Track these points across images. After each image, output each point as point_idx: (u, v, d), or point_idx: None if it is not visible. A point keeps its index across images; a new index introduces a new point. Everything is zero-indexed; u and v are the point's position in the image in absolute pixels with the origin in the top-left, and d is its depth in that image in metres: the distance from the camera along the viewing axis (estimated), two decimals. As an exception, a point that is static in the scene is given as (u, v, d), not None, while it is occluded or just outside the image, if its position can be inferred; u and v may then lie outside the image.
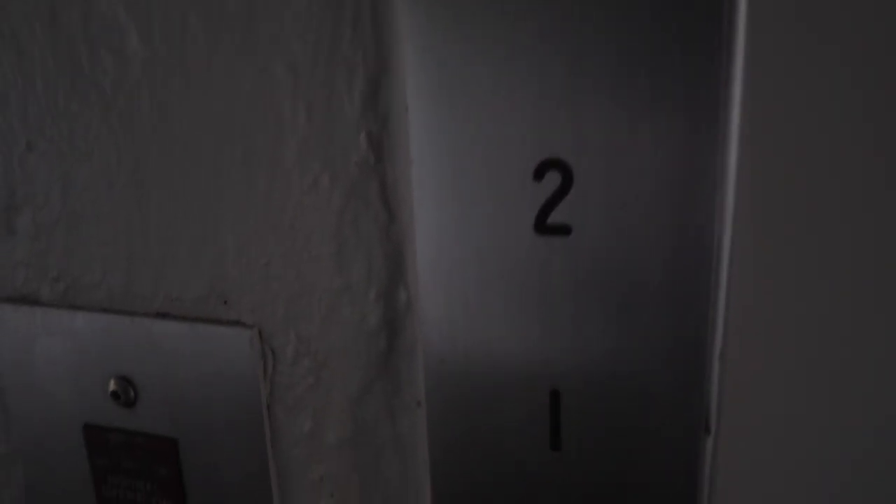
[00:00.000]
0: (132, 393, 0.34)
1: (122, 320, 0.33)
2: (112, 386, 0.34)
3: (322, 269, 0.29)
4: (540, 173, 0.24)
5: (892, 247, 0.22)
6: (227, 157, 0.29)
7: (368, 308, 0.29)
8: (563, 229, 0.24)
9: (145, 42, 0.29)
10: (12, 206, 0.34)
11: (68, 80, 0.30)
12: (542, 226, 0.24)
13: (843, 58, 0.21)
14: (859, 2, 0.21)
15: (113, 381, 0.34)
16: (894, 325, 0.23)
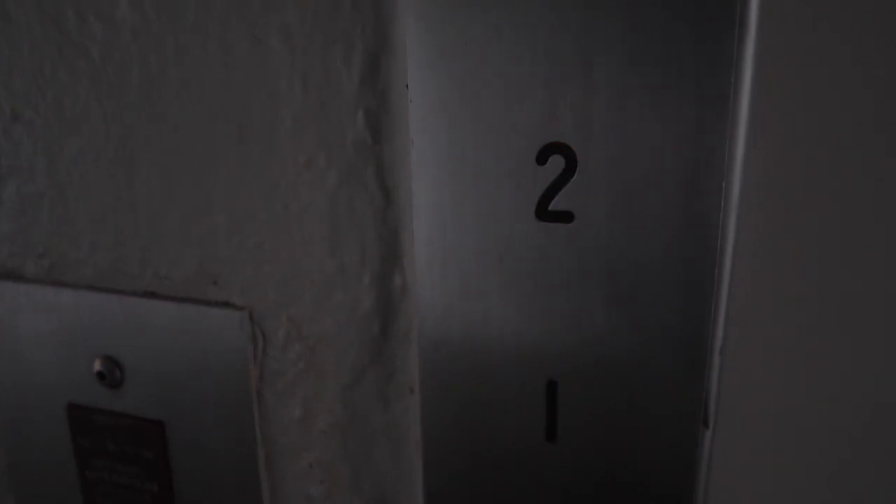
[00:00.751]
0: (118, 374, 0.33)
1: (109, 298, 0.32)
2: (97, 366, 0.33)
3: (315, 251, 0.28)
4: (543, 157, 0.23)
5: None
6: (219, 131, 0.28)
7: (362, 292, 0.28)
8: (565, 216, 0.23)
9: (135, 8, 0.28)
10: (-4, 178, 0.33)
11: (55, 48, 0.29)
12: (543, 212, 0.23)
13: (855, 49, 0.21)
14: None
15: (98, 361, 0.33)
16: (903, 322, 0.22)
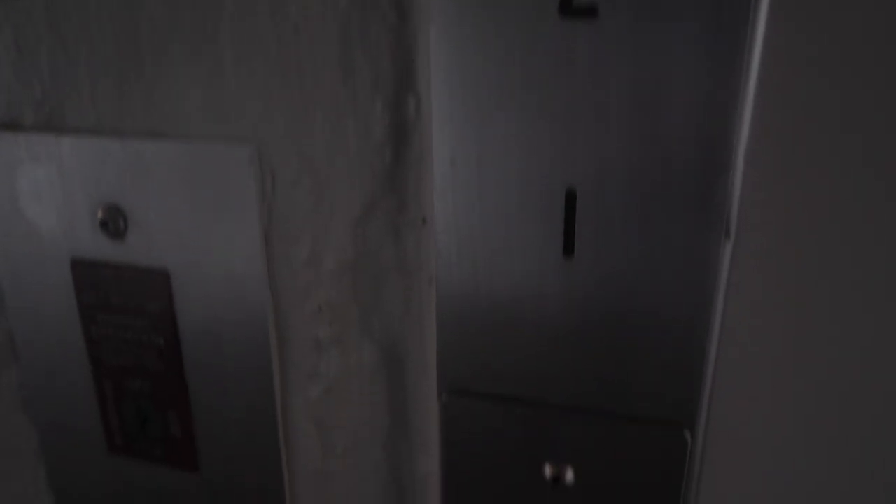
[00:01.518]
0: (122, 222, 0.33)
1: (112, 143, 0.32)
2: (100, 215, 0.33)
3: (327, 77, 0.28)
4: (564, -48, 0.23)
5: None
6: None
7: (374, 118, 0.27)
8: (589, 11, 0.23)
9: None
10: (-8, 16, 0.31)
11: None
12: (567, 7, 0.23)
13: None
14: None
15: (101, 210, 0.33)
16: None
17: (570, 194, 0.25)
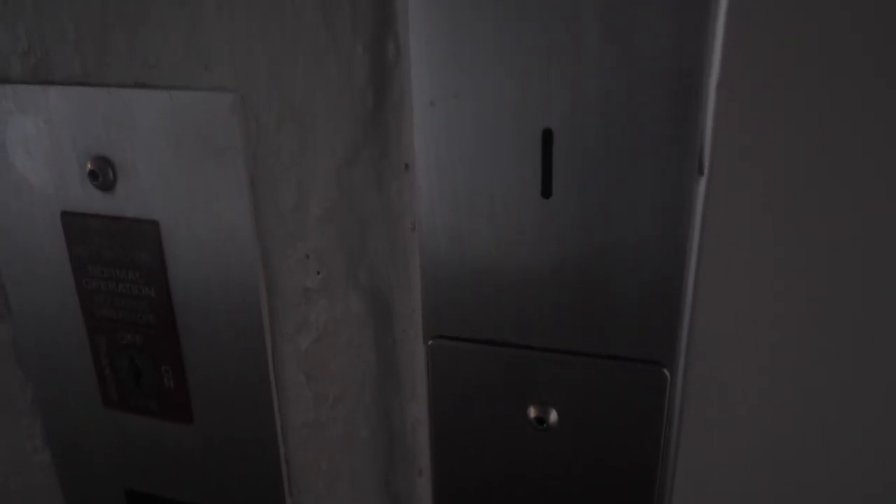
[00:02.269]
0: (111, 174, 0.33)
1: (98, 93, 0.32)
2: (90, 166, 0.33)
3: (306, 22, 0.28)
4: None
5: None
6: None
7: (356, 62, 0.28)
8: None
9: None
10: (-25, -33, 0.31)
11: None
12: (542, -59, 0.23)
13: None
14: None
15: (90, 162, 0.33)
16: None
17: (547, 134, 0.25)
